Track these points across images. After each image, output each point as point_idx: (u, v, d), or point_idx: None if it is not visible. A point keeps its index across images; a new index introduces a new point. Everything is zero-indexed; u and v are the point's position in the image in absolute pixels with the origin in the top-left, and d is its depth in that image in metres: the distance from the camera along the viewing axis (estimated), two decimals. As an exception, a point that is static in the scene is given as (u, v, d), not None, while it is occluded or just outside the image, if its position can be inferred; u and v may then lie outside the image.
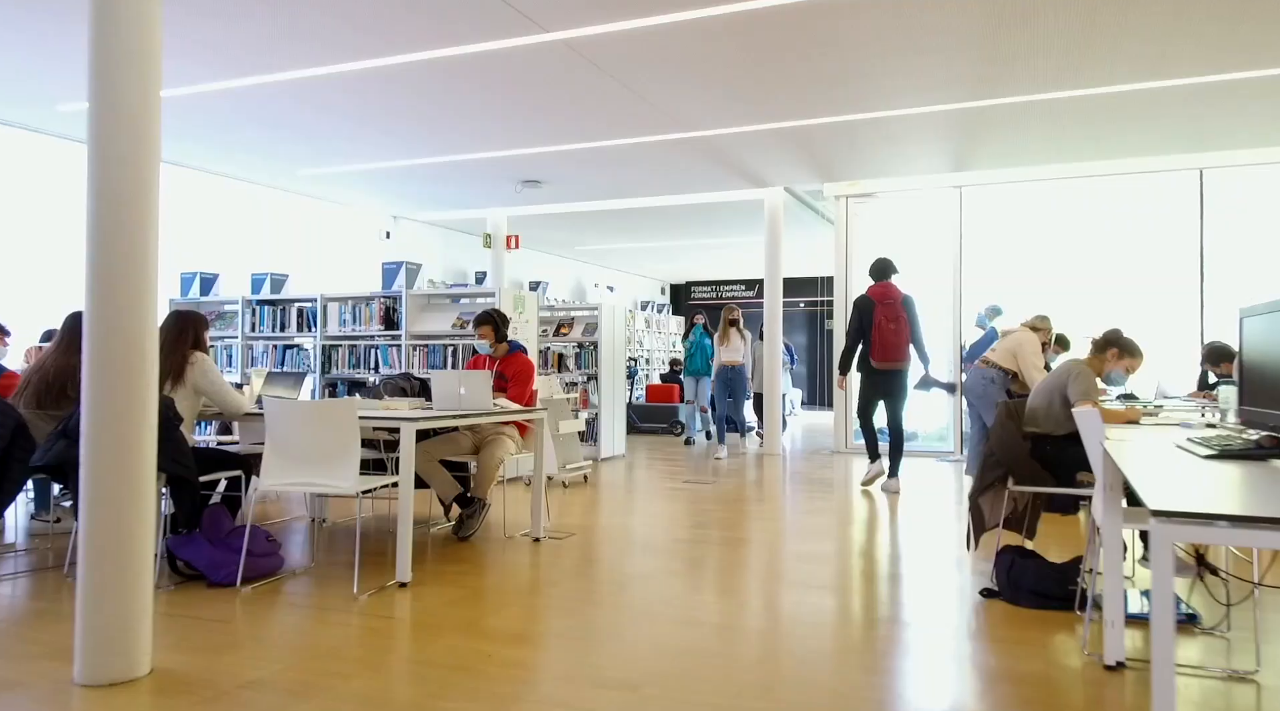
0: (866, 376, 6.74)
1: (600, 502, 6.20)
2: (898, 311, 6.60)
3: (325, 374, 7.66)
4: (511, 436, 4.98)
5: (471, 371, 4.55)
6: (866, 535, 5.05)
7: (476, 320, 5.17)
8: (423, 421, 3.83)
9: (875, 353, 6.55)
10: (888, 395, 6.67)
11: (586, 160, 8.37)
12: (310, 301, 7.82)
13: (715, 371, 9.11)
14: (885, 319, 6.53)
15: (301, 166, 8.56)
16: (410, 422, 3.75)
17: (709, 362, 9.72)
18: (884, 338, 6.51)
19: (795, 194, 10.09)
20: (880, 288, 6.75)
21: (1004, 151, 8.11)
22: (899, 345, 6.55)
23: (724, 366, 9.02)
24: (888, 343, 6.52)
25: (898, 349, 6.54)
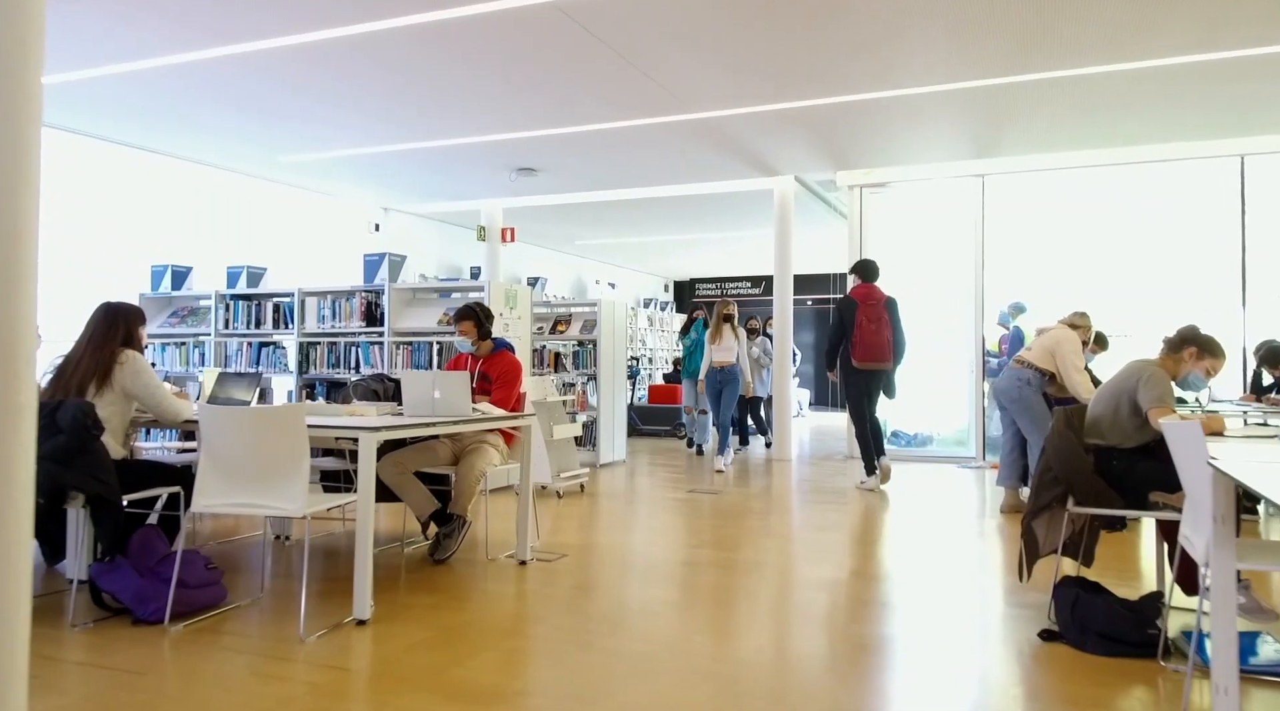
0: (850, 377, 6.76)
1: (597, 516, 5.65)
2: (879, 312, 6.67)
3: (303, 373, 7.12)
4: (496, 445, 4.44)
5: (448, 372, 4.01)
6: (891, 557, 4.50)
7: (457, 315, 4.63)
8: (386, 431, 3.29)
9: (856, 352, 6.62)
10: (869, 395, 6.80)
11: (584, 146, 7.82)
12: (287, 296, 7.28)
13: (704, 372, 7.99)
14: (866, 319, 6.61)
15: (280, 152, 8.02)
16: (371, 433, 3.20)
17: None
18: (865, 337, 6.59)
19: (806, 184, 9.53)
20: (864, 289, 6.81)
21: (1031, 136, 7.54)
22: (880, 345, 6.63)
23: (714, 368, 7.91)
24: (869, 342, 6.60)
25: (879, 348, 6.62)
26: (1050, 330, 5.82)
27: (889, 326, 6.67)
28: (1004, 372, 5.90)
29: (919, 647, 3.06)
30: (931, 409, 9.82)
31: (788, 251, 9.15)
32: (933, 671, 2.83)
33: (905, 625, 3.31)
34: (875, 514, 5.77)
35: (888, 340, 6.66)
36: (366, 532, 3.20)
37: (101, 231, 7.58)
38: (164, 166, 8.09)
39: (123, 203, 7.80)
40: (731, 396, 7.92)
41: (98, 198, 7.60)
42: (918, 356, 9.64)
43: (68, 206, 7.31)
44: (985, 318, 8.91)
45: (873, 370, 6.68)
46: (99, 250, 7.53)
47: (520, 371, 4.64)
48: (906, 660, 2.94)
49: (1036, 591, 3.69)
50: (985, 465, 8.47)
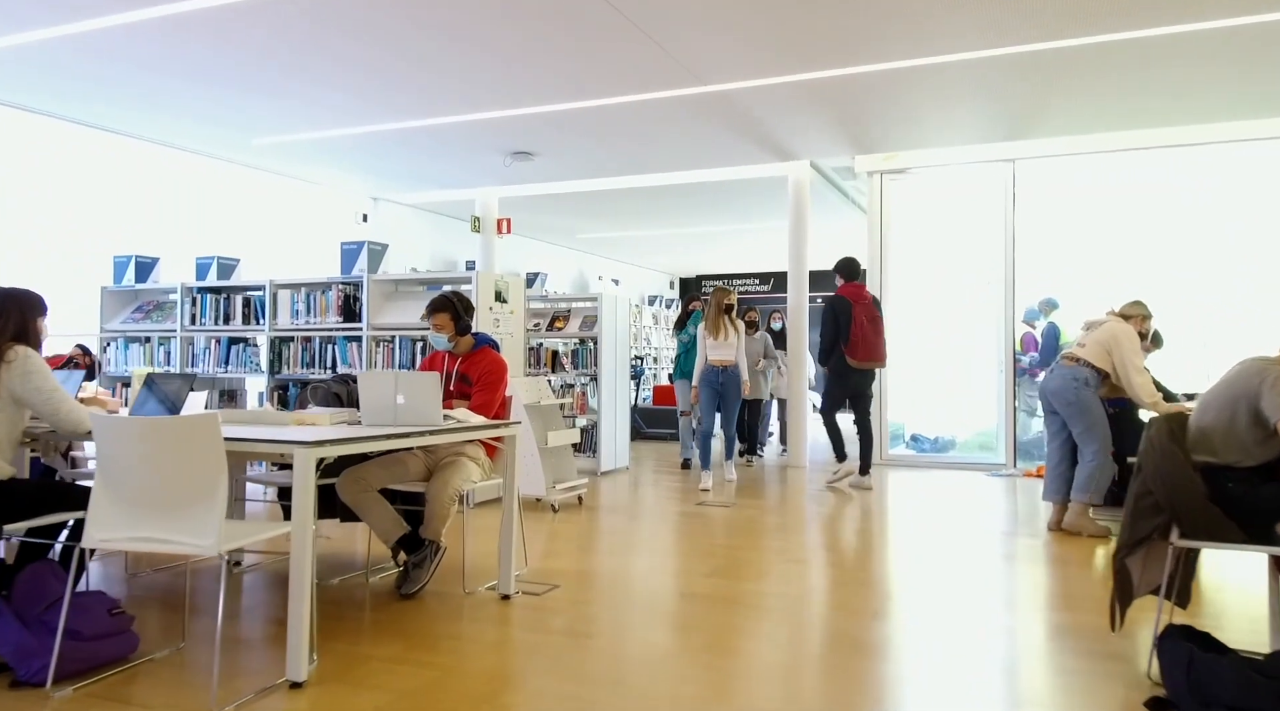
0: (840, 376, 6.73)
1: (595, 534, 5.01)
2: (874, 311, 6.70)
3: (275, 373, 6.50)
4: (475, 458, 3.80)
5: (415, 373, 3.37)
6: (935, 589, 3.85)
7: (430, 306, 3.99)
8: (328, 445, 2.65)
9: (856, 352, 6.59)
10: (860, 394, 6.77)
11: (584, 126, 7.18)
12: (258, 289, 6.66)
13: (699, 374, 6.83)
14: (865, 319, 6.62)
15: (254, 134, 7.40)
16: (307, 448, 2.57)
17: None
18: (865, 337, 6.60)
19: (821, 171, 8.89)
20: (853, 288, 6.79)
21: (1073, 113, 6.87)
22: (878, 345, 6.67)
23: (711, 368, 6.79)
24: (869, 343, 6.62)
25: (877, 348, 6.66)
26: (1101, 323, 5.16)
27: (883, 326, 6.75)
28: (1055, 371, 5.21)
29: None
30: (953, 410, 9.19)
31: (803, 243, 8.50)
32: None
33: (969, 687, 2.67)
34: (905, 532, 5.12)
35: (885, 340, 6.74)
36: (302, 573, 2.57)
37: (58, 219, 6.97)
38: (126, 148, 7.46)
39: (81, 188, 7.18)
40: (734, 401, 6.80)
41: (53, 182, 6.98)
42: (939, 355, 9.04)
43: (17, 191, 6.69)
44: (1016, 313, 8.25)
45: (867, 370, 6.73)
46: (55, 240, 6.92)
47: (504, 372, 4.00)
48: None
49: (1124, 639, 3.04)
50: (1017, 473, 7.82)
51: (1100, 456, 4.93)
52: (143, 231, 7.55)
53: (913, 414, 9.03)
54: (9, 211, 6.60)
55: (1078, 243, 8.43)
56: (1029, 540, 4.91)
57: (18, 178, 6.72)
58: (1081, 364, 4.98)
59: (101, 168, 7.33)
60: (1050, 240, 8.36)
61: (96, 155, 7.27)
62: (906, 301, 8.75)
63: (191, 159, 7.99)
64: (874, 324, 6.66)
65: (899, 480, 7.41)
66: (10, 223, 6.60)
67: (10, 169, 6.67)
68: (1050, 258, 8.44)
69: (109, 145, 7.32)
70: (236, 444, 2.60)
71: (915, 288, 8.84)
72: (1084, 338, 5.19)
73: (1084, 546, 4.74)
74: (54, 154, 6.99)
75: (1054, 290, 8.71)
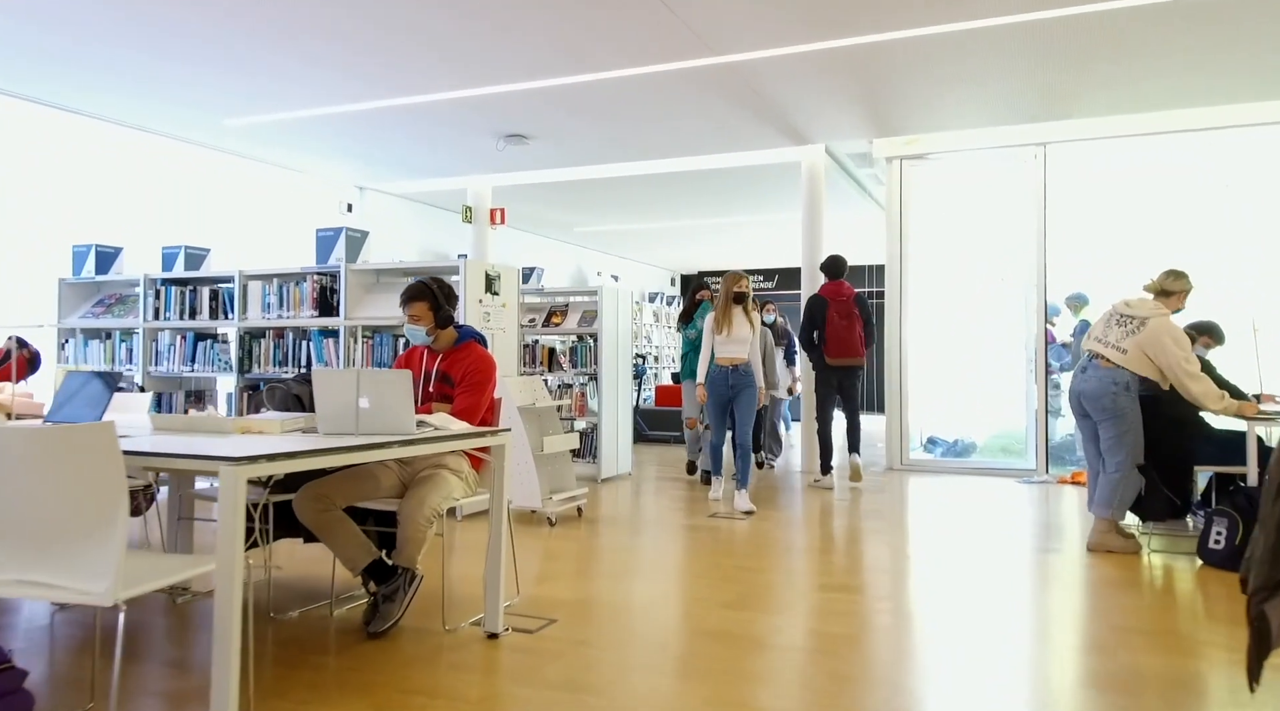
0: (821, 374, 6.79)
1: (596, 552, 4.46)
2: (850, 309, 6.69)
3: (244, 372, 5.94)
4: (458, 470, 3.25)
5: (381, 371, 2.82)
6: (999, 616, 3.31)
7: (405, 294, 3.44)
8: (264, 463, 2.10)
9: (829, 349, 6.66)
10: (844, 393, 6.78)
11: (581, 105, 6.63)
12: (227, 281, 6.10)
13: (707, 375, 5.81)
14: (837, 315, 6.65)
15: (226, 114, 6.83)
16: (234, 466, 2.01)
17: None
18: (836, 333, 6.64)
19: (835, 157, 8.34)
20: (833, 286, 6.78)
21: (1111, 89, 6.32)
22: (851, 340, 6.66)
23: (720, 369, 5.73)
24: (840, 338, 6.65)
25: (849, 344, 6.66)
26: (1134, 318, 4.50)
27: (860, 321, 6.70)
28: (1091, 372, 4.64)
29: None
30: (975, 411, 8.66)
31: (817, 235, 7.94)
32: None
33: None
34: (942, 550, 4.57)
35: (859, 336, 6.69)
36: (228, 626, 2.01)
37: (11, 205, 6.40)
38: (86, 129, 6.89)
39: (36, 172, 6.61)
40: (749, 407, 5.71)
41: (5, 166, 6.41)
42: (960, 351, 8.50)
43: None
44: (1048, 310, 7.71)
45: (845, 366, 6.70)
46: (8, 228, 6.35)
47: (492, 371, 3.45)
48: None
49: (1266, 692, 2.49)
50: (1050, 479, 7.27)
51: (1126, 467, 4.46)
52: (104, 220, 6.97)
53: (930, 414, 8.49)
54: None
55: (1111, 234, 7.90)
56: (1101, 567, 4.36)
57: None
58: (1120, 367, 4.45)
59: (59, 150, 6.75)
60: (1081, 231, 7.81)
61: (54, 137, 6.70)
62: (926, 295, 8.21)
63: (159, 142, 7.41)
64: (848, 320, 6.65)
65: (923, 487, 6.86)
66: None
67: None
68: (1081, 250, 7.90)
69: (67, 126, 6.74)
70: (145, 459, 2.04)
71: (936, 281, 8.30)
72: (1114, 335, 4.55)
73: (1131, 565, 4.19)
74: (5, 135, 6.42)
75: (1084, 284, 8.18)
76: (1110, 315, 4.60)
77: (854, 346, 6.69)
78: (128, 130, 7.15)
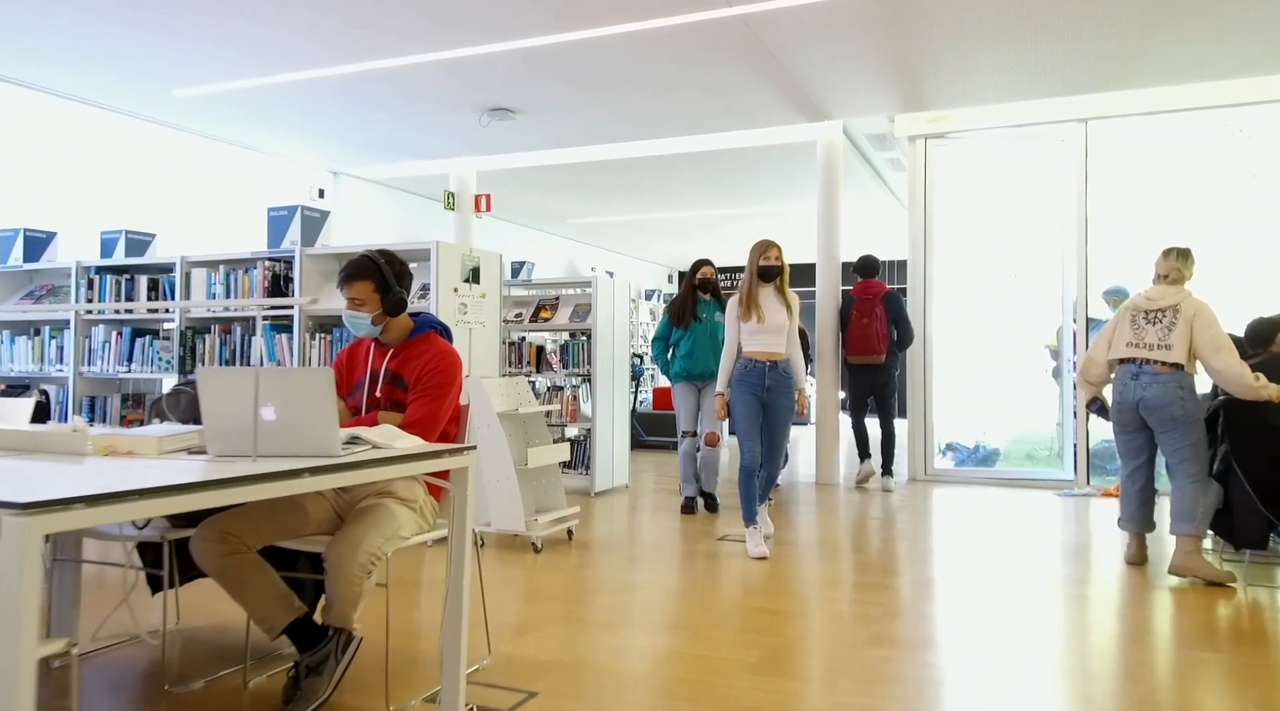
0: (848, 373, 6.84)
1: (589, 590, 3.71)
2: (871, 306, 6.59)
3: (187, 371, 5.19)
4: (409, 499, 2.51)
5: (292, 371, 2.07)
6: (1098, 683, 2.58)
7: (344, 272, 2.70)
8: (60, 512, 1.35)
9: (848, 347, 6.72)
10: (874, 391, 6.67)
11: (573, 71, 5.90)
12: (168, 268, 5.35)
13: (731, 376, 4.43)
14: (859, 314, 6.63)
15: (174, 83, 6.08)
16: (21, 518, 1.27)
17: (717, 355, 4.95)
18: (854, 331, 6.64)
19: (851, 138, 7.62)
20: (861, 284, 6.73)
21: (1179, 49, 5.61)
22: (868, 338, 6.57)
23: (752, 365, 4.37)
24: (856, 336, 6.62)
25: (866, 342, 6.57)
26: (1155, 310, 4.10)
27: (882, 321, 6.54)
28: (1145, 378, 4.10)
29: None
30: (998, 414, 7.96)
31: (834, 224, 7.20)
32: None
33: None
34: (998, 579, 3.84)
35: (877, 333, 6.56)
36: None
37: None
38: (14, 100, 6.12)
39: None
40: (786, 417, 4.40)
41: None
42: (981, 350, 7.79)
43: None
44: (1091, 300, 6.99)
45: (864, 365, 6.63)
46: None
47: (457, 370, 2.71)
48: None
49: None
50: (1093, 492, 6.56)
51: (1203, 478, 4.00)
52: (37, 201, 6.21)
53: (948, 418, 7.77)
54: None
55: (1154, 221, 7.19)
56: (1179, 593, 3.64)
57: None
58: (1179, 369, 3.99)
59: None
60: (1120, 218, 7.10)
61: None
62: (951, 288, 7.49)
63: (99, 115, 6.64)
64: (868, 318, 6.56)
65: (952, 502, 6.15)
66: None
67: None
68: (1120, 239, 7.19)
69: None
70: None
71: (958, 273, 7.59)
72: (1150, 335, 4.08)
73: (1228, 600, 3.48)
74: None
75: (1123, 276, 7.47)
76: (1130, 313, 4.17)
77: (870, 344, 6.56)
78: (62, 101, 6.38)
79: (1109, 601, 3.60)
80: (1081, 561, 4.35)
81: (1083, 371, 4.42)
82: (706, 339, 5.47)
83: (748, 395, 4.37)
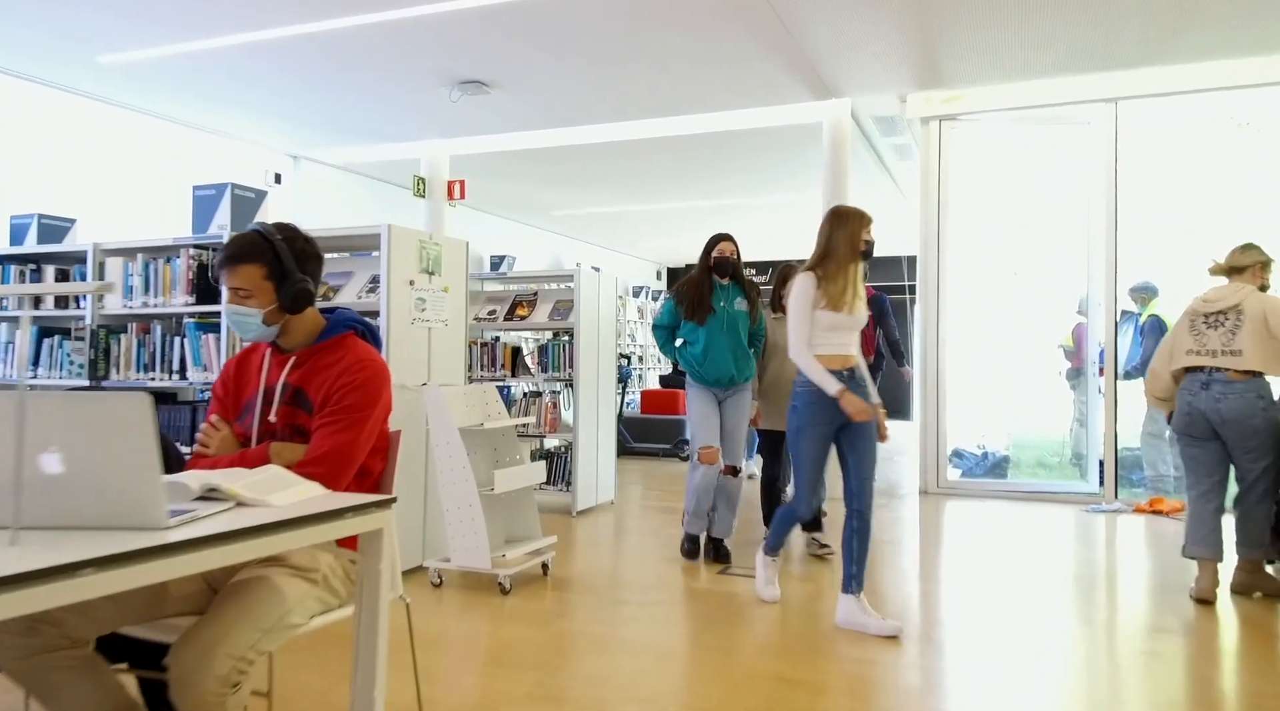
0: None
1: (563, 649, 3.02)
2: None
3: (100, 378, 4.46)
4: (307, 568, 1.81)
5: (93, 398, 1.35)
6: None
7: (225, 253, 2.01)
8: None
9: None
10: None
11: (551, 35, 5.20)
12: (79, 257, 4.62)
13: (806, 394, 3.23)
14: None
15: (98, 47, 5.34)
16: None
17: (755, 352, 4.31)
18: None
19: (857, 121, 6.97)
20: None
21: (1224, 21, 4.99)
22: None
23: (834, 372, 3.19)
24: None
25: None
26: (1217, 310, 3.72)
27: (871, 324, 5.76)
28: (1220, 389, 3.65)
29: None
30: (1008, 418, 7.38)
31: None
32: None
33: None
34: (1056, 622, 3.19)
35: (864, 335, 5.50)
36: None
37: None
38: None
39: None
40: (874, 441, 3.25)
41: None
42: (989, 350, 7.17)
43: None
44: (1120, 295, 6.37)
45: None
46: None
47: (383, 384, 2.01)
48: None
49: None
50: (1124, 507, 5.93)
51: (1271, 494, 3.69)
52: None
53: (958, 423, 7.16)
54: None
55: (1187, 212, 6.59)
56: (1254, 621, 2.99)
57: None
58: (1256, 377, 3.60)
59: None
60: (1147, 209, 6.48)
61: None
62: (958, 285, 6.85)
63: (13, 84, 5.89)
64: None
65: (971, 518, 5.51)
66: None
67: None
68: (1149, 232, 6.58)
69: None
70: None
71: (971, 267, 6.96)
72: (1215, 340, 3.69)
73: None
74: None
75: (1151, 272, 6.85)
76: (1189, 318, 3.80)
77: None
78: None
79: (1205, 661, 2.94)
80: (1145, 600, 3.70)
81: (1149, 388, 4.00)
82: (725, 335, 4.14)
83: (824, 425, 3.19)
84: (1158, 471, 6.42)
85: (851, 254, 3.23)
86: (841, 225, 3.26)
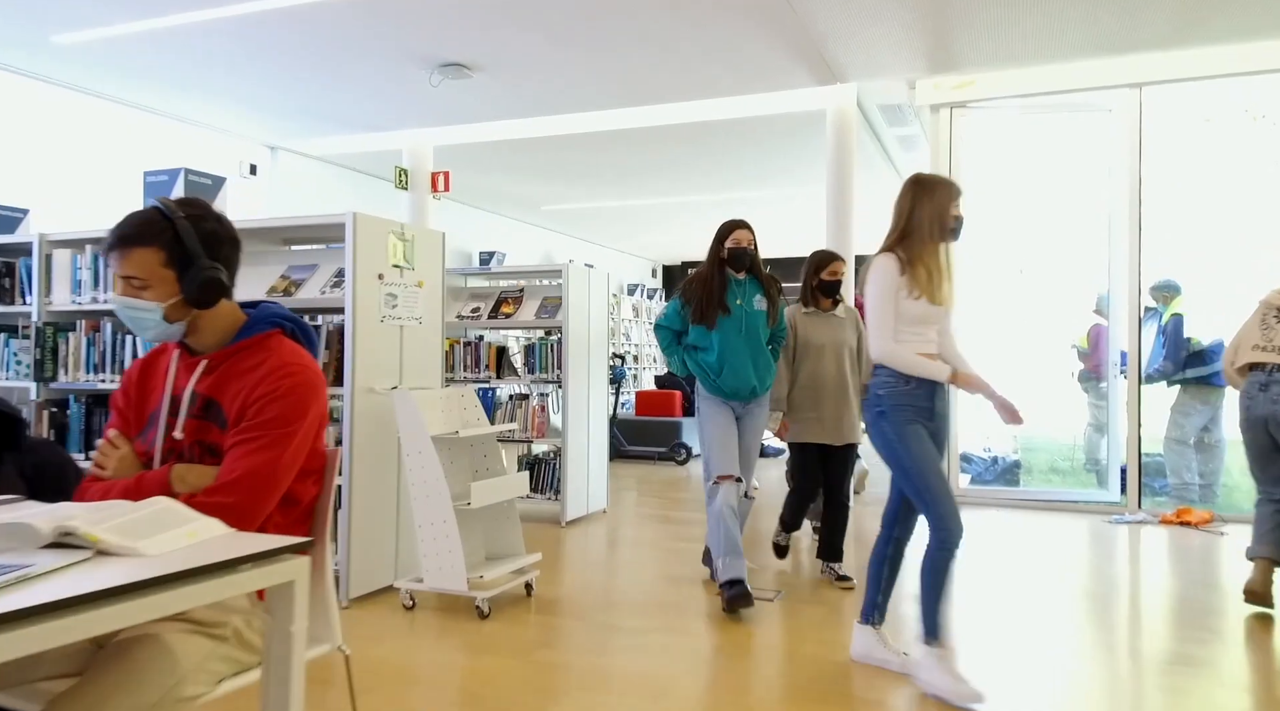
0: None
1: (545, 690, 2.66)
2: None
3: (47, 380, 4.10)
4: (207, 624, 1.46)
5: None
6: None
7: (116, 234, 1.67)
8: None
9: None
10: None
11: (536, 15, 4.85)
12: (24, 249, 4.26)
13: (887, 389, 2.68)
14: None
15: (52, 26, 4.98)
16: None
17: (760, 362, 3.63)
18: None
19: (862, 109, 6.62)
20: None
21: (1253, 9, 4.65)
22: None
23: (922, 381, 2.66)
24: None
25: None
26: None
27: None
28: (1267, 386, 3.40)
29: None
30: (1033, 423, 7.05)
31: (847, 204, 6.18)
32: None
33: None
34: (1116, 654, 2.85)
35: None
36: None
37: None
38: None
39: None
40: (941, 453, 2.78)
41: None
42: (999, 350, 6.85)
43: None
44: (1143, 292, 6.03)
45: None
46: None
47: (314, 393, 1.66)
48: None
49: None
50: (1149, 518, 5.59)
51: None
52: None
53: (965, 427, 6.83)
54: None
55: (1211, 204, 6.26)
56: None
57: None
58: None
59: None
60: (1174, 202, 6.15)
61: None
62: (970, 281, 6.51)
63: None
64: None
65: (989, 530, 5.17)
66: None
67: None
68: (1170, 225, 6.25)
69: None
70: None
71: (983, 262, 6.64)
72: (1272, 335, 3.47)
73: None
74: None
75: (1173, 269, 6.52)
76: (1263, 311, 3.57)
77: None
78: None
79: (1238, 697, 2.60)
80: (1172, 623, 3.36)
81: (1229, 381, 3.75)
82: (742, 339, 3.57)
83: (923, 422, 2.67)
84: (1182, 479, 6.08)
85: (940, 231, 2.65)
86: (927, 196, 2.68)
